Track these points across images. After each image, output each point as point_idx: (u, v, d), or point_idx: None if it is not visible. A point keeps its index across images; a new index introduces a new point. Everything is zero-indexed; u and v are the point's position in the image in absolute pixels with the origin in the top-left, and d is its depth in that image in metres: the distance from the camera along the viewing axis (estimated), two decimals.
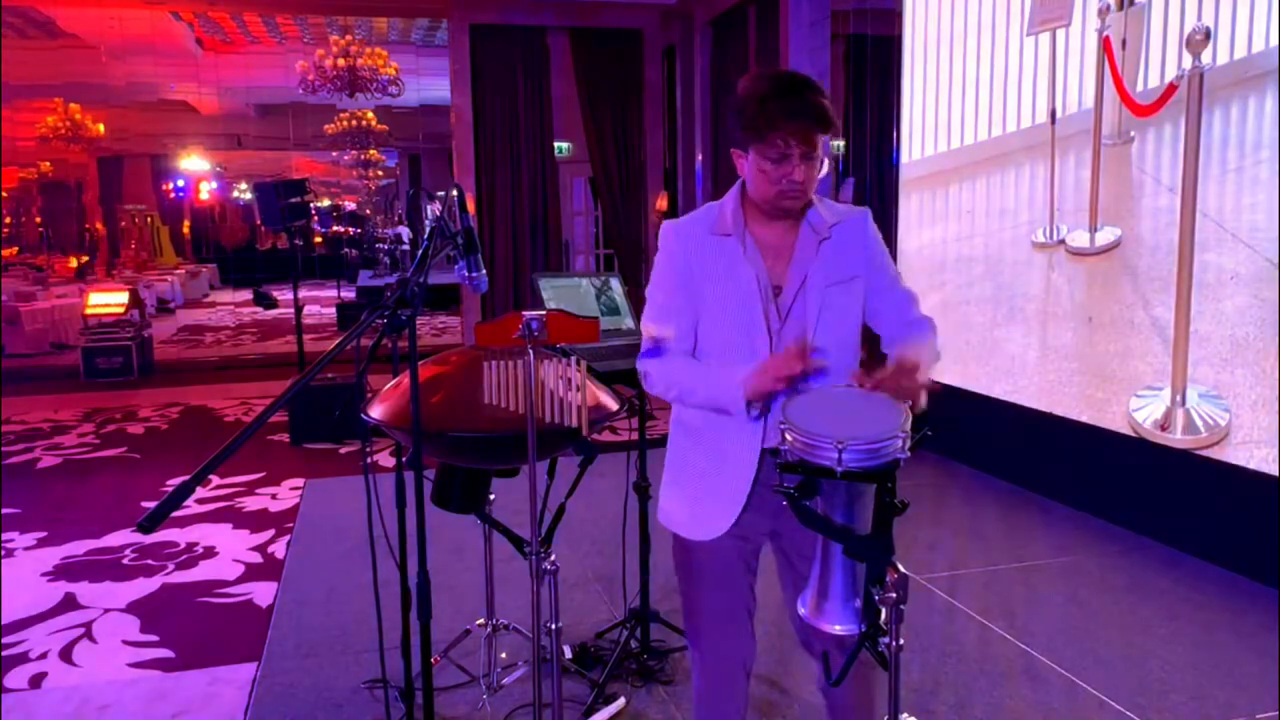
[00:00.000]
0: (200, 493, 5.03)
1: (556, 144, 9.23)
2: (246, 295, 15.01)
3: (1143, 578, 3.77)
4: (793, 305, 1.85)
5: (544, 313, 2.01)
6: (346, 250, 17.00)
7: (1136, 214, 4.27)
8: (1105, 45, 4.36)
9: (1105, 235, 4.43)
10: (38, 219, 13.85)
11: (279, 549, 4.25)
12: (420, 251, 2.02)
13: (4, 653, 3.23)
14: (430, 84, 11.71)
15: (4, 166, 12.12)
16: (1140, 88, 4.21)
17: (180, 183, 15.43)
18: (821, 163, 1.80)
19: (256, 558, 4.16)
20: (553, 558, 2.06)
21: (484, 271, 2.10)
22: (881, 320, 1.94)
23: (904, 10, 5.88)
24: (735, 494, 1.86)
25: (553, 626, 2.11)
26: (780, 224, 1.87)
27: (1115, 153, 4.37)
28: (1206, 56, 3.83)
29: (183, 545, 4.32)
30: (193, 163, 15.09)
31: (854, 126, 7.79)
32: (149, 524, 1.47)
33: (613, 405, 2.40)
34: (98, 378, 8.48)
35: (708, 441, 1.90)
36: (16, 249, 13.36)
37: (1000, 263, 5.14)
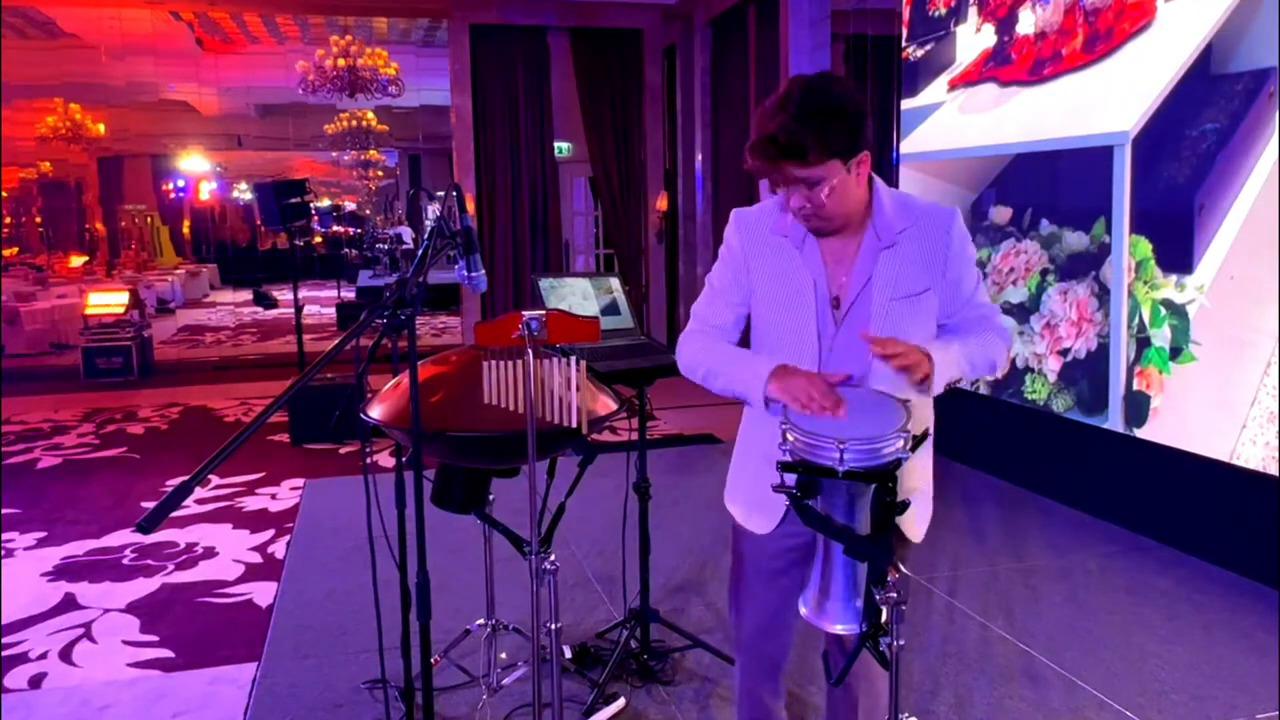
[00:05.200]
0: (200, 493, 5.03)
1: (556, 144, 9.23)
2: (246, 295, 15.02)
3: (1143, 578, 3.77)
4: (848, 315, 1.76)
5: (544, 313, 2.01)
6: (346, 250, 17.01)
7: None
8: None
9: None
10: (38, 219, 13.85)
11: (279, 549, 4.24)
12: (420, 251, 2.02)
13: (4, 653, 3.23)
14: (430, 84, 11.71)
15: (4, 166, 12.12)
16: None
17: (180, 183, 15.43)
18: (836, 181, 1.63)
19: (256, 558, 4.16)
20: (553, 558, 2.06)
21: (483, 271, 2.10)
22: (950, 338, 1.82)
23: (904, 10, 5.88)
24: (777, 503, 1.85)
25: (553, 626, 2.11)
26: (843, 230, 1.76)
27: None
28: None
29: (183, 545, 4.32)
30: (193, 163, 15.09)
31: None
32: (149, 524, 1.47)
33: (613, 405, 2.40)
34: (98, 378, 8.48)
35: (758, 448, 1.88)
36: (16, 249, 13.36)
37: None
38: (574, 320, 2.10)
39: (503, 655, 3.04)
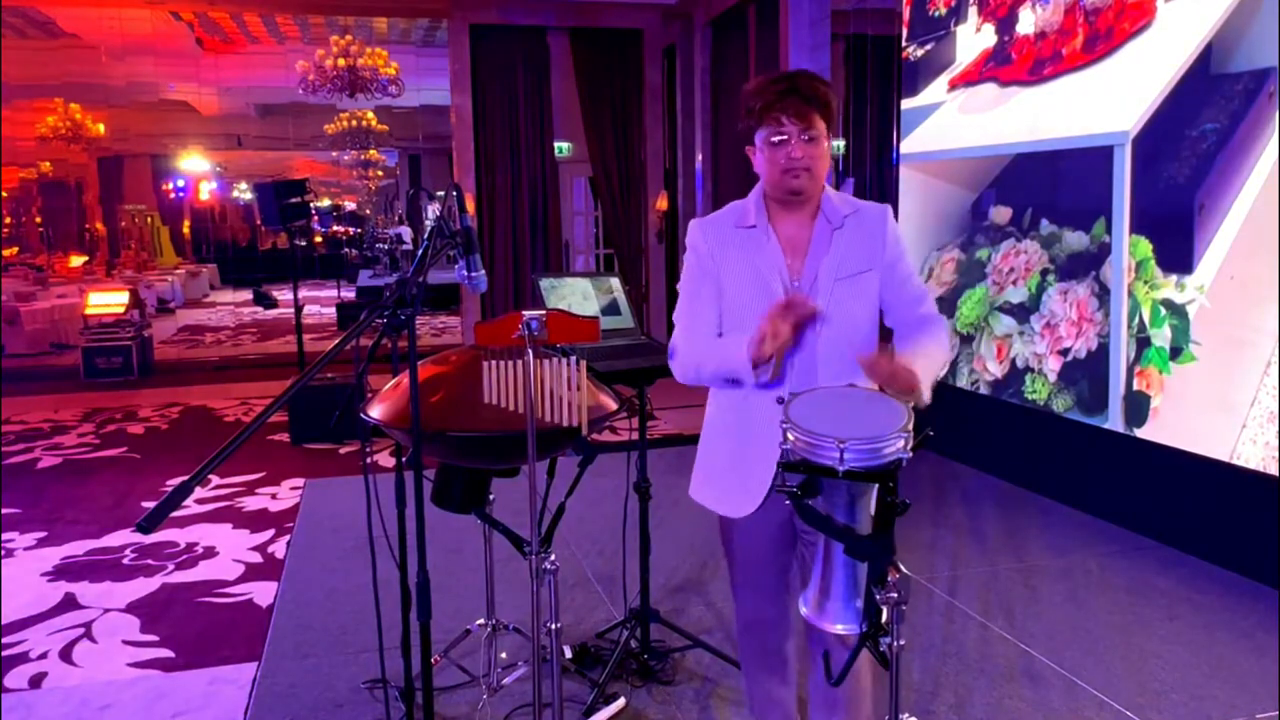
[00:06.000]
0: (200, 493, 5.03)
1: (556, 144, 9.23)
2: (246, 295, 15.02)
3: (1143, 578, 3.77)
4: (806, 294, 1.90)
5: (544, 313, 2.01)
6: (346, 250, 17.02)
7: None
8: None
9: None
10: (38, 219, 13.85)
11: (279, 549, 4.24)
12: (420, 251, 2.02)
13: (4, 653, 3.23)
14: (430, 84, 11.70)
15: (4, 166, 12.12)
16: None
17: (180, 183, 15.43)
18: (825, 147, 1.87)
19: (256, 557, 4.16)
20: (553, 558, 2.06)
21: (483, 271, 2.09)
22: (892, 315, 2.00)
23: (904, 10, 5.88)
24: (758, 485, 1.94)
25: (553, 626, 2.11)
26: (797, 216, 1.93)
27: None
28: None
29: (183, 545, 4.32)
30: (193, 163, 15.09)
31: (854, 126, 7.79)
32: (149, 524, 1.47)
33: (612, 405, 2.40)
34: (98, 378, 8.48)
35: (734, 432, 1.98)
36: (16, 249, 13.36)
37: None
38: (574, 320, 2.10)
39: (503, 655, 3.04)
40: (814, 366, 1.89)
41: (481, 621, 2.96)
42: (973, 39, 5.25)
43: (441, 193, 2.09)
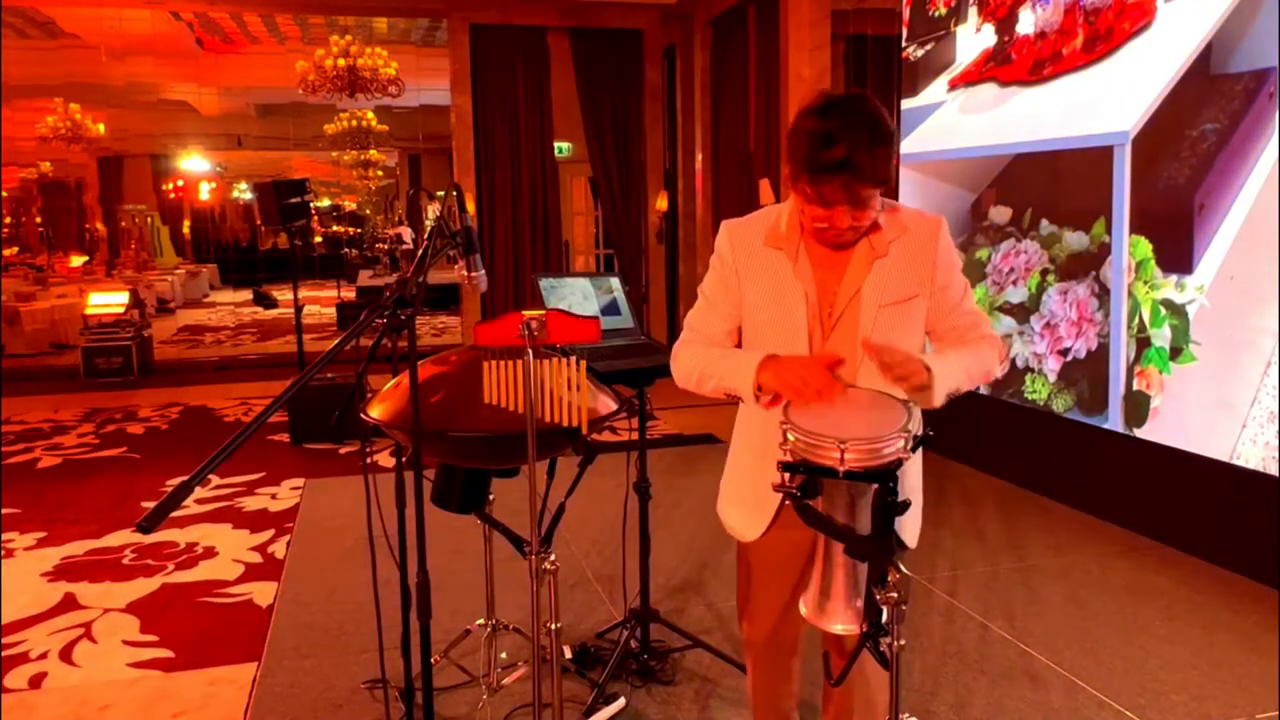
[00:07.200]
0: (200, 493, 5.03)
1: (556, 144, 9.23)
2: (246, 295, 15.02)
3: (1142, 578, 3.77)
4: (838, 323, 1.78)
5: (544, 313, 2.01)
6: (346, 250, 17.01)
7: None
8: None
9: None
10: (38, 219, 13.84)
11: (279, 549, 4.24)
12: (420, 251, 2.02)
13: (4, 653, 3.23)
14: (430, 84, 11.70)
15: (4, 166, 12.11)
16: None
17: (180, 183, 15.43)
18: (875, 203, 1.69)
19: (256, 557, 4.15)
20: (553, 558, 2.06)
21: (483, 271, 2.10)
22: (940, 343, 1.87)
23: (904, 10, 5.88)
24: (773, 500, 1.84)
25: (553, 626, 2.11)
26: None
27: None
28: None
29: (183, 545, 4.32)
30: (193, 163, 15.08)
31: None
32: (149, 524, 1.47)
33: (613, 405, 2.40)
34: (98, 378, 8.48)
35: (754, 445, 1.90)
36: (16, 249, 13.35)
37: None
38: (574, 320, 2.10)
39: (503, 655, 3.04)
40: None
41: (481, 621, 2.96)
42: (973, 39, 5.25)
43: (441, 193, 2.10)
